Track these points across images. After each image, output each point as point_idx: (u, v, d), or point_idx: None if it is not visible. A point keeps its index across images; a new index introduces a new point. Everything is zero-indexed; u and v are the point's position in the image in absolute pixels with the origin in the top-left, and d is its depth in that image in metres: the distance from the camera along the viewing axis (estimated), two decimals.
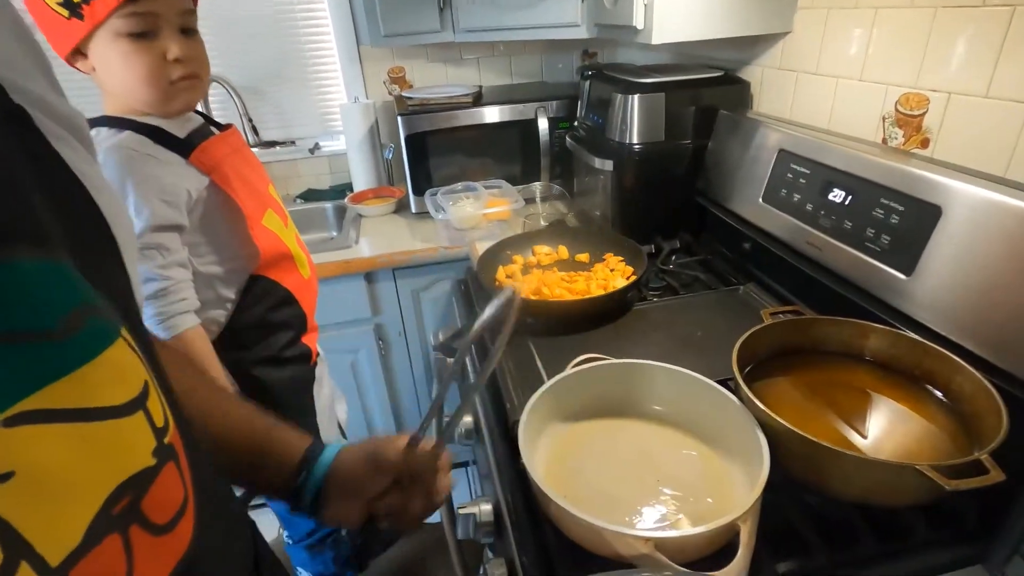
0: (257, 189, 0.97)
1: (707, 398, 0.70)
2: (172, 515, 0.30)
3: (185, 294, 0.87)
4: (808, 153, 0.95)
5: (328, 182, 1.99)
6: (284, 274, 1.01)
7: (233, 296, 0.96)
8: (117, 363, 0.28)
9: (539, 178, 1.71)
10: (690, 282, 1.15)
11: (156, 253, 0.84)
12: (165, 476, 0.30)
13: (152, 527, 0.29)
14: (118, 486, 0.26)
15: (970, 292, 0.68)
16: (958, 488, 0.51)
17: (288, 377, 1.04)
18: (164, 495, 0.30)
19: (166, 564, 0.29)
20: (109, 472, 0.26)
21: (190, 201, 0.87)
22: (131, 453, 0.28)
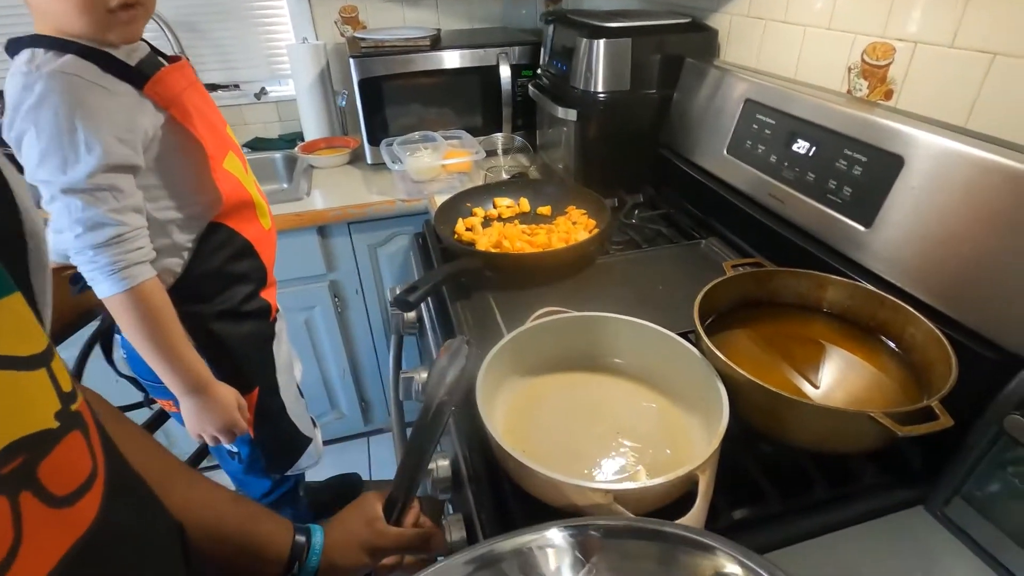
0: (217, 128, 0.89)
1: (668, 350, 0.69)
2: (74, 488, 0.27)
3: (141, 243, 0.79)
4: (774, 103, 0.93)
5: (277, 130, 1.87)
6: (245, 223, 0.94)
7: (190, 244, 0.88)
8: (18, 314, 0.26)
9: (501, 129, 1.64)
10: (652, 236, 1.13)
11: (109, 196, 0.74)
12: (69, 444, 0.27)
13: (48, 498, 0.26)
14: (10, 443, 0.24)
15: (926, 243, 0.69)
16: (909, 434, 0.51)
17: (247, 332, 0.99)
18: (66, 464, 0.27)
19: (61, 542, 0.26)
20: (2, 425, 0.24)
21: (146, 139, 0.78)
22: (29, 410, 0.26)
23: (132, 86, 0.77)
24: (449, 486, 0.72)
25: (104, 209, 0.74)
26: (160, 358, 0.83)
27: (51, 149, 0.70)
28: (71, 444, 0.28)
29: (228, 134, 0.93)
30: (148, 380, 0.95)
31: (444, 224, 1.09)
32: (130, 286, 0.77)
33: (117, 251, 0.76)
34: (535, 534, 0.41)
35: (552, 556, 0.41)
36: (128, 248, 0.77)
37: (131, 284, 0.77)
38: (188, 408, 0.90)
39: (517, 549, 0.41)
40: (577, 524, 0.42)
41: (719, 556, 0.39)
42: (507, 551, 0.41)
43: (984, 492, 0.57)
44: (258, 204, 0.95)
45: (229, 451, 1.08)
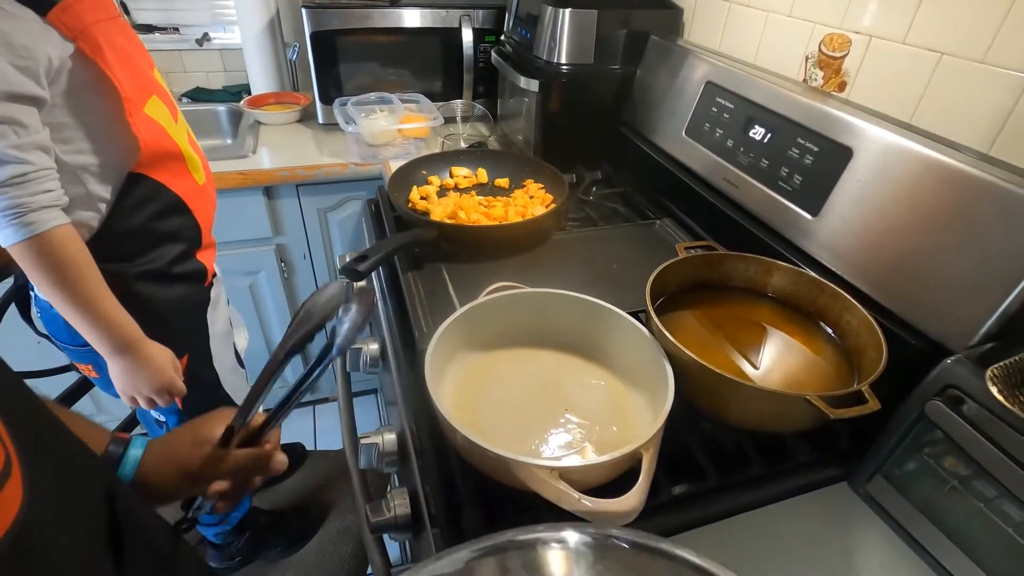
0: (138, 68, 0.81)
1: (618, 329, 0.69)
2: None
3: (49, 185, 0.71)
4: (734, 87, 0.94)
5: (221, 81, 1.75)
6: (173, 177, 0.86)
7: (108, 196, 0.81)
8: None
9: (461, 95, 1.59)
10: (609, 214, 1.13)
11: (8, 130, 0.67)
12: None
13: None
14: None
15: (867, 234, 0.72)
16: (840, 416, 0.54)
17: (178, 296, 0.93)
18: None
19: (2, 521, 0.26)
20: None
21: (51, 69, 0.70)
22: None
23: (34, 11, 0.68)
24: (395, 460, 0.71)
25: (3, 145, 0.66)
26: (80, 315, 0.77)
27: None
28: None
29: (155, 77, 0.85)
30: (64, 343, 0.89)
31: (398, 191, 1.06)
32: (36, 232, 0.70)
33: (19, 192, 0.68)
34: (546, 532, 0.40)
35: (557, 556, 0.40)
36: (33, 190, 0.69)
37: (37, 230, 0.70)
38: (118, 369, 0.84)
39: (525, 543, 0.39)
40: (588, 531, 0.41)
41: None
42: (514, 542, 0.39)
43: (902, 471, 0.61)
44: (188, 157, 0.89)
45: (156, 419, 1.03)
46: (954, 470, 0.57)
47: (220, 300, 1.05)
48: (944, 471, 0.58)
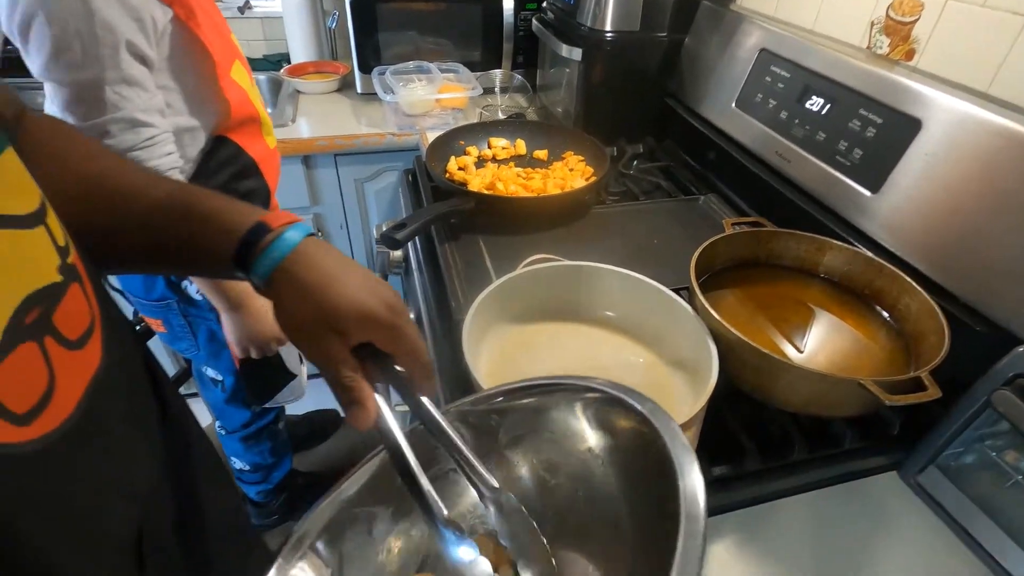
0: (223, 33, 0.82)
1: (660, 306, 0.67)
2: (82, 332, 0.31)
3: (169, 148, 0.74)
4: (791, 55, 0.89)
5: (262, 50, 1.76)
6: (251, 140, 0.88)
7: (196, 156, 0.83)
8: (14, 171, 0.28)
9: (499, 65, 1.56)
10: (650, 189, 1.10)
11: (134, 93, 0.68)
12: (72, 294, 0.31)
13: (65, 341, 0.29)
14: (27, 297, 0.27)
15: (933, 213, 0.67)
16: (897, 403, 0.51)
17: None
18: (73, 312, 0.30)
19: (82, 379, 0.30)
20: (17, 282, 0.27)
21: (156, 32, 0.71)
22: (37, 266, 0.29)
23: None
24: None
25: (130, 109, 0.68)
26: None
27: (66, 36, 0.64)
28: (74, 294, 0.31)
29: (234, 42, 0.86)
30: (137, 297, 0.93)
31: (436, 161, 1.04)
32: None
33: (147, 156, 0.71)
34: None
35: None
36: (158, 153, 0.72)
37: None
38: (232, 323, 0.88)
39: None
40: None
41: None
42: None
43: (958, 463, 0.58)
44: (264, 120, 0.90)
45: (213, 379, 1.06)
46: (1017, 464, 0.54)
47: None
48: (1007, 465, 0.55)
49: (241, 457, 1.27)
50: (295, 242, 0.39)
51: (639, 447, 0.37)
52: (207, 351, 0.97)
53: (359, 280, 0.39)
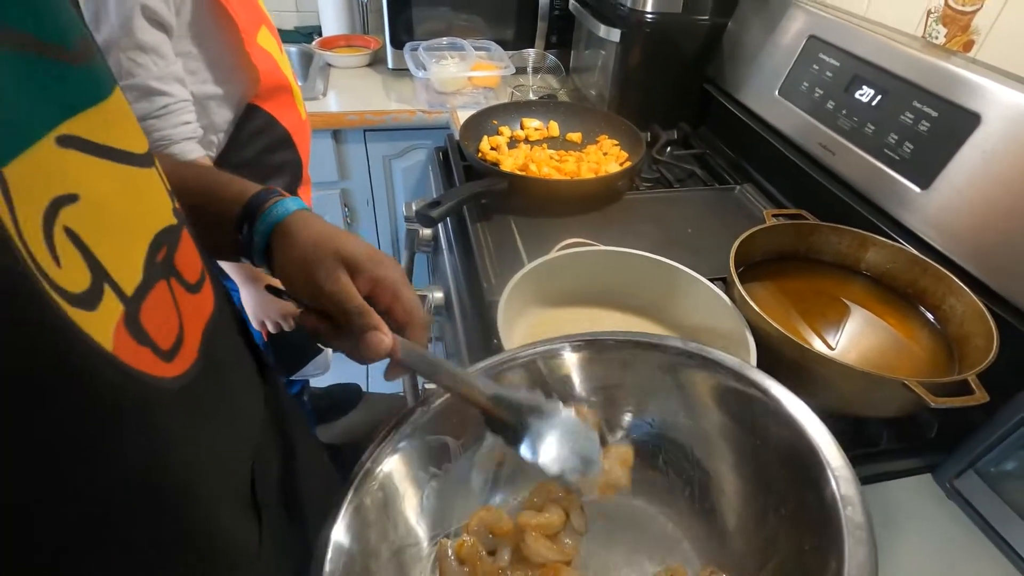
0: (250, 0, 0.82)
1: (694, 295, 0.66)
2: (198, 277, 0.32)
3: (187, 117, 0.73)
4: (841, 42, 0.86)
5: (293, 22, 1.75)
6: (283, 110, 0.88)
7: (227, 127, 0.83)
8: (125, 110, 0.27)
9: (533, 45, 1.53)
10: (684, 177, 1.08)
11: (149, 60, 0.68)
12: (186, 239, 0.31)
13: (186, 284, 0.30)
14: (157, 234, 0.27)
15: (987, 212, 0.65)
16: (942, 405, 0.50)
17: None
18: (189, 255, 0.31)
19: (200, 322, 0.31)
20: (148, 219, 0.27)
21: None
22: (159, 206, 0.29)
23: None
24: None
25: (145, 77, 0.68)
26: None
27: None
28: (187, 239, 0.31)
29: (261, 7, 0.85)
30: None
31: (469, 140, 1.03)
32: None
33: (163, 124, 0.71)
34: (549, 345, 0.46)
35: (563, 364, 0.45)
36: (174, 122, 0.72)
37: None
38: (249, 295, 0.90)
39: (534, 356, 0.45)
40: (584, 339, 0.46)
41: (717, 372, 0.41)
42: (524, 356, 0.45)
43: (999, 469, 0.56)
44: (295, 90, 0.89)
45: None
46: None
47: None
48: None
49: None
50: (292, 209, 0.41)
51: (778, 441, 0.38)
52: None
53: (356, 239, 0.41)
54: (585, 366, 0.46)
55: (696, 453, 0.43)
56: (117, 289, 0.23)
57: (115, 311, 0.23)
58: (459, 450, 0.44)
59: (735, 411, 0.41)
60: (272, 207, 0.41)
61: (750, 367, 0.41)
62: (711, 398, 0.43)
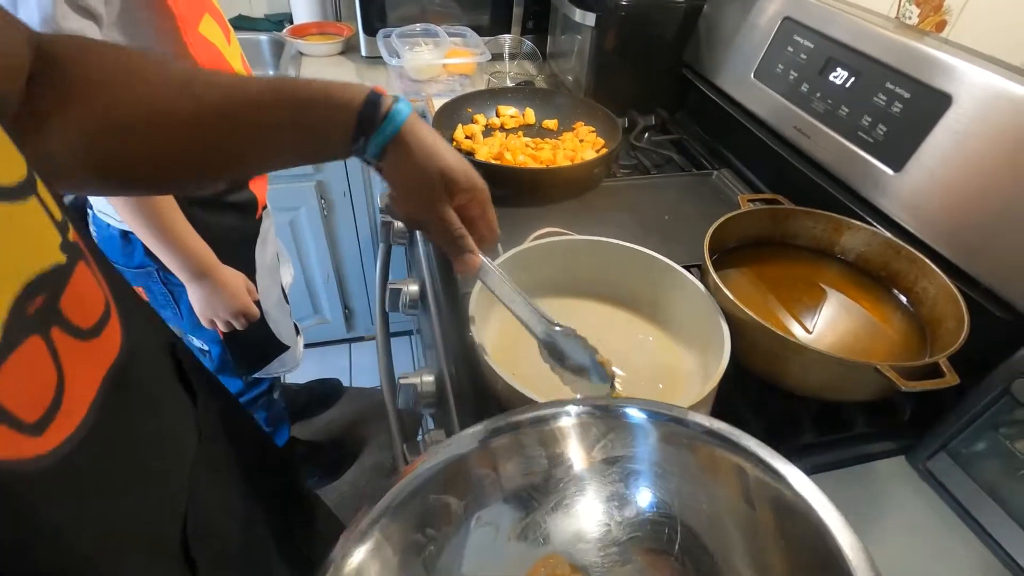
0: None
1: (671, 283, 0.66)
2: (96, 319, 0.28)
3: None
4: (814, 23, 0.85)
5: (263, 9, 1.70)
6: None
7: None
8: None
9: (509, 30, 1.51)
10: (662, 163, 1.07)
11: None
12: (80, 275, 0.27)
13: (76, 331, 0.26)
14: (29, 282, 0.23)
15: (959, 194, 0.65)
16: (913, 389, 0.50)
17: (229, 225, 0.93)
18: (84, 296, 0.27)
19: (96, 373, 0.27)
20: (15, 265, 0.23)
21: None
22: (36, 245, 0.25)
23: None
24: (433, 401, 0.70)
25: None
26: (160, 242, 0.79)
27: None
28: (81, 275, 0.27)
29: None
30: (120, 264, 0.91)
31: (443, 129, 1.01)
32: None
33: None
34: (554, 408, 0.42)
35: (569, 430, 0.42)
36: None
37: None
38: (197, 294, 0.87)
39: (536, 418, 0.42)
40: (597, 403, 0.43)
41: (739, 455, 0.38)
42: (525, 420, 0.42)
43: (970, 450, 0.57)
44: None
45: (200, 349, 1.05)
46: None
47: (269, 234, 1.05)
48: (1019, 453, 0.54)
49: None
50: (406, 114, 0.43)
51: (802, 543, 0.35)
52: (190, 320, 0.96)
53: (461, 158, 0.47)
54: (599, 433, 0.42)
55: (714, 544, 0.40)
56: None
57: None
58: (462, 512, 0.41)
59: (755, 501, 0.38)
60: (388, 119, 0.42)
61: (778, 457, 0.37)
62: (734, 487, 0.39)
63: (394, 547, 0.36)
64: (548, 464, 0.42)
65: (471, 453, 0.40)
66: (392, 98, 0.44)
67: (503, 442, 0.41)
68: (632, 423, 0.41)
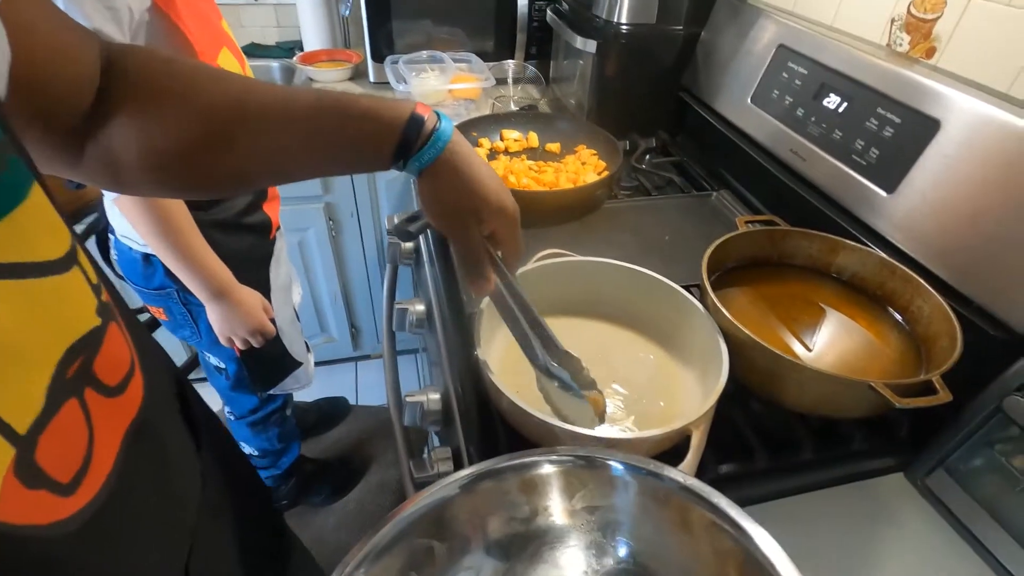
0: (209, 21, 0.82)
1: (670, 303, 0.67)
2: (122, 377, 0.30)
3: None
4: (808, 51, 0.88)
5: (275, 37, 1.75)
6: None
7: None
8: (43, 209, 0.25)
9: (513, 56, 1.55)
10: (662, 184, 1.10)
11: None
12: (111, 336, 0.29)
13: (104, 389, 0.28)
14: (69, 348, 0.25)
15: (949, 215, 0.66)
16: (907, 406, 0.51)
17: (246, 247, 0.96)
18: (113, 356, 0.29)
19: (119, 428, 0.29)
20: (59, 333, 0.25)
21: (132, 21, 0.70)
22: (77, 312, 0.26)
23: None
24: (439, 419, 0.72)
25: None
26: (181, 263, 0.82)
27: None
28: (113, 336, 0.29)
29: (223, 29, 0.86)
30: (139, 286, 0.93)
31: None
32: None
33: None
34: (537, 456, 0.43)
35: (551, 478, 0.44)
36: None
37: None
38: (215, 312, 0.90)
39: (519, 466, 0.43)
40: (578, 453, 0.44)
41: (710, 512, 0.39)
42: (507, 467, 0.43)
43: (967, 466, 0.58)
44: None
45: (216, 367, 1.08)
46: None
47: (283, 254, 1.08)
48: (1015, 470, 0.54)
49: (249, 443, 1.28)
50: (449, 135, 0.44)
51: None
52: (208, 339, 0.98)
53: (495, 178, 0.47)
54: (579, 483, 0.44)
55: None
56: (7, 431, 0.21)
57: (2, 461, 0.21)
58: (445, 555, 0.42)
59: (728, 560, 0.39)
60: (430, 143, 0.43)
61: (748, 518, 0.38)
62: (705, 540, 0.40)
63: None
64: (529, 511, 0.44)
65: (455, 498, 0.41)
66: (435, 118, 0.44)
67: (486, 487, 0.42)
68: (613, 475, 0.43)
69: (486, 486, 0.42)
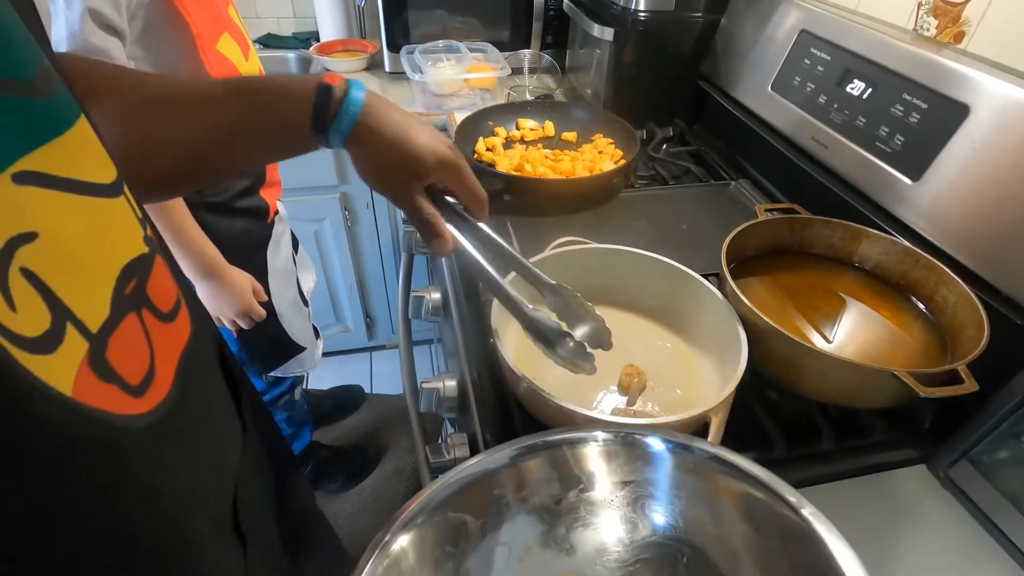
0: (214, 6, 0.82)
1: (689, 291, 0.67)
2: (172, 305, 0.31)
3: None
4: (832, 36, 0.86)
5: (291, 28, 1.76)
6: None
7: None
8: (91, 139, 0.26)
9: (529, 45, 1.54)
10: (680, 174, 1.08)
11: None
12: (159, 266, 0.30)
13: (159, 313, 0.29)
14: (124, 267, 0.26)
15: (977, 203, 0.65)
16: (932, 395, 0.50)
17: (240, 230, 0.97)
18: (162, 284, 0.30)
19: (174, 352, 0.30)
20: (114, 251, 0.26)
21: (131, 4, 0.71)
22: (128, 236, 0.28)
23: None
24: (455, 405, 0.72)
25: None
26: (171, 240, 0.83)
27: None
28: (160, 267, 0.30)
29: (229, 14, 0.86)
30: None
31: (464, 142, 1.04)
32: None
33: None
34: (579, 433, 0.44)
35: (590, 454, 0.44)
36: None
37: None
38: (204, 292, 0.91)
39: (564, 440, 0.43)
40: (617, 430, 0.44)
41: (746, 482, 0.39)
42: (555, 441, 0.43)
43: (992, 458, 0.57)
44: None
45: None
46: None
47: (283, 239, 1.08)
48: None
49: None
50: (361, 99, 0.42)
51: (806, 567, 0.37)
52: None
53: (425, 129, 0.45)
54: (611, 458, 0.45)
55: (720, 565, 0.41)
56: (81, 327, 0.23)
57: (78, 351, 0.22)
58: (479, 530, 0.42)
59: (762, 526, 0.40)
60: (341, 111, 0.42)
61: (782, 483, 0.38)
62: (738, 508, 0.41)
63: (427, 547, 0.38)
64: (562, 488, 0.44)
65: (500, 470, 0.42)
66: (345, 85, 0.42)
67: (529, 463, 0.43)
68: (649, 451, 0.43)
69: (529, 462, 0.43)
